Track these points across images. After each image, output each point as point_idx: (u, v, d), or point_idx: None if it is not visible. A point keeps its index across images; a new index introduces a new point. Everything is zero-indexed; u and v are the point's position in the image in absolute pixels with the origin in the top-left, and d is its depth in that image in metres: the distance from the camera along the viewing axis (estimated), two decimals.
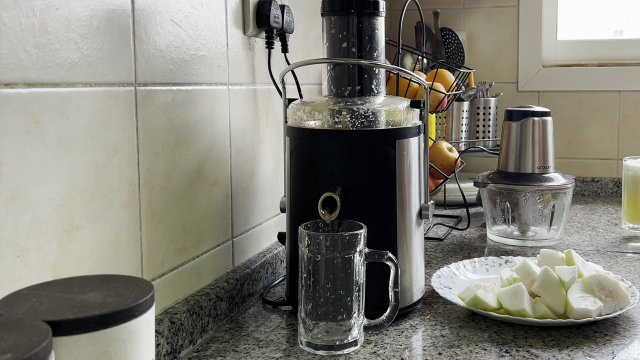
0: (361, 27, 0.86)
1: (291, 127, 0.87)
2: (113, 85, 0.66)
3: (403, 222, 0.85)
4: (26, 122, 0.55)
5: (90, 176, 0.63)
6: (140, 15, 0.70)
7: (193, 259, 0.83)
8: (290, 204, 0.89)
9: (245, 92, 0.97)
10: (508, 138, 1.26)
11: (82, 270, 0.62)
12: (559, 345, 0.78)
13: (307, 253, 0.76)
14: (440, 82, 1.36)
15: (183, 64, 0.79)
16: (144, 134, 0.71)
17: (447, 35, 1.84)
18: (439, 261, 1.14)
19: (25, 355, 0.35)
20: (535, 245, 1.23)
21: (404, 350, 0.78)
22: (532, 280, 0.87)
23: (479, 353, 0.76)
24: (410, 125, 0.86)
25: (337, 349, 0.76)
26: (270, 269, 1.03)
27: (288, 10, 1.02)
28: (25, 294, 0.45)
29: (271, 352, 0.77)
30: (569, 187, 1.23)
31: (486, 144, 1.73)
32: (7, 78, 0.53)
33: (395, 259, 0.78)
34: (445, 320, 0.86)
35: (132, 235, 0.70)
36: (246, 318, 0.89)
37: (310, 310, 0.76)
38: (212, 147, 0.87)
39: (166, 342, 0.73)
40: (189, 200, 0.81)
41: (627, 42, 1.81)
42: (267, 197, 1.06)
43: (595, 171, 1.79)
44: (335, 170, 0.83)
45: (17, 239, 0.54)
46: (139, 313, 0.44)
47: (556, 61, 1.83)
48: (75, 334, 0.41)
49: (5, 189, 0.53)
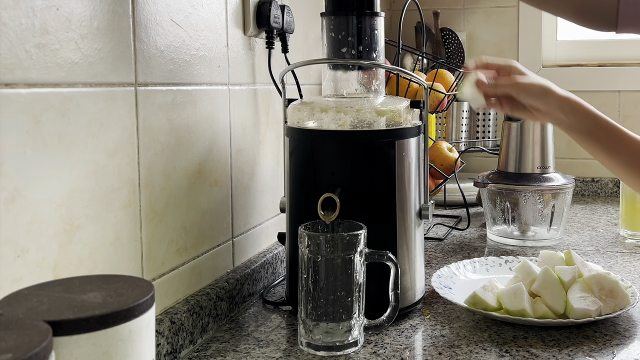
0: (361, 28, 0.86)
1: (291, 127, 0.87)
2: (113, 85, 0.66)
3: (403, 222, 0.85)
4: (26, 122, 0.55)
5: (91, 176, 0.63)
6: (141, 16, 0.70)
7: (193, 258, 0.83)
8: (290, 204, 0.89)
9: (246, 92, 0.97)
10: (508, 138, 1.26)
11: (82, 270, 0.62)
12: (559, 345, 0.78)
13: (307, 253, 0.76)
14: (440, 82, 1.37)
15: (183, 64, 0.79)
16: (144, 134, 0.71)
17: (447, 36, 1.84)
18: (439, 261, 1.14)
19: (25, 355, 0.35)
20: (535, 245, 1.23)
21: (404, 350, 0.78)
22: (532, 280, 0.87)
23: (479, 353, 0.76)
24: (410, 125, 0.86)
25: (337, 350, 0.76)
26: (271, 269, 1.03)
27: (288, 11, 1.02)
28: (26, 294, 0.45)
29: (271, 352, 0.77)
30: (569, 187, 1.23)
31: (486, 144, 1.73)
32: (8, 78, 0.53)
33: (395, 259, 0.78)
34: (445, 320, 0.86)
35: (133, 235, 0.70)
36: (246, 318, 0.89)
37: (310, 311, 0.76)
38: (213, 147, 0.87)
39: (166, 342, 0.73)
40: (189, 200, 0.81)
41: (627, 42, 1.81)
42: (267, 197, 1.06)
43: (595, 171, 1.79)
44: (335, 170, 0.83)
45: (17, 239, 0.54)
46: (139, 313, 0.44)
47: (556, 61, 1.83)
48: (76, 334, 0.41)
49: (6, 189, 0.53)
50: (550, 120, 0.88)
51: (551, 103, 0.85)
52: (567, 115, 0.85)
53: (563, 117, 0.85)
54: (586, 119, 0.84)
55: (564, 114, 0.85)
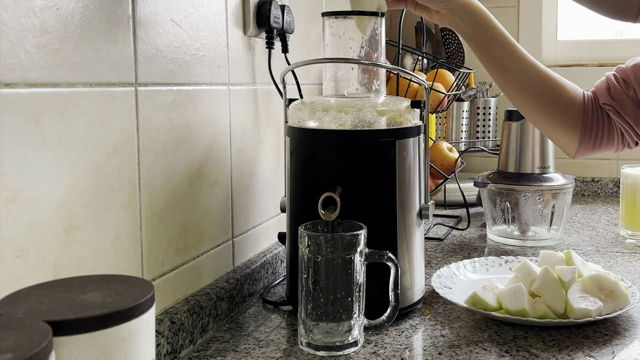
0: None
1: (291, 127, 0.87)
2: (113, 85, 0.66)
3: (403, 222, 0.85)
4: (26, 122, 0.55)
5: (91, 176, 0.63)
6: (141, 16, 0.70)
7: (193, 258, 0.83)
8: (291, 204, 0.89)
9: (246, 92, 0.97)
10: (508, 138, 1.26)
11: (82, 270, 0.62)
12: (559, 345, 0.78)
13: (307, 253, 0.76)
14: (440, 82, 1.37)
15: (183, 64, 0.79)
16: (144, 134, 0.71)
17: (447, 35, 1.84)
18: (439, 261, 1.14)
19: (25, 355, 0.35)
20: (535, 245, 1.23)
21: (404, 350, 0.78)
22: (532, 280, 0.87)
23: (479, 353, 0.76)
24: (411, 125, 0.86)
25: (337, 350, 0.76)
26: (271, 269, 1.03)
27: (288, 11, 1.02)
28: (26, 294, 0.45)
29: (271, 352, 0.77)
30: (569, 187, 1.23)
31: (486, 144, 1.73)
32: (8, 78, 0.53)
33: (395, 259, 0.78)
34: (445, 320, 0.86)
35: (133, 235, 0.70)
36: (246, 318, 0.89)
37: (310, 311, 0.76)
38: (213, 147, 0.87)
39: (166, 342, 0.73)
40: (189, 200, 0.81)
41: (627, 42, 1.81)
42: (267, 197, 1.06)
43: (595, 171, 1.79)
44: (336, 170, 0.83)
45: (17, 239, 0.54)
46: (139, 313, 0.44)
47: (556, 61, 1.83)
48: (76, 334, 0.41)
49: (6, 189, 0.53)
50: (449, 25, 0.86)
51: (451, 7, 0.84)
52: (467, 24, 0.84)
53: (462, 24, 0.84)
54: (485, 31, 0.83)
55: (463, 22, 0.84)
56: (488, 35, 0.83)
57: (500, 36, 0.84)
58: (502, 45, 0.84)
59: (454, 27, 0.86)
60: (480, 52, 0.85)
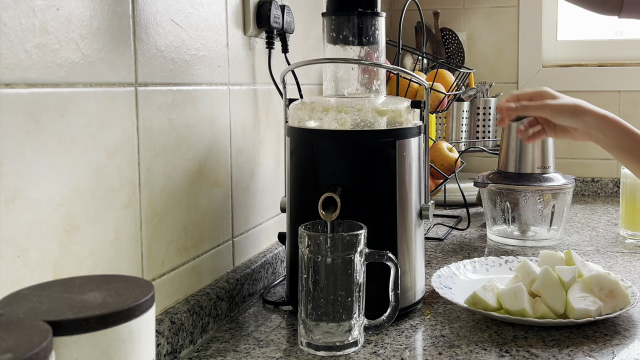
0: (362, 28, 0.86)
1: (291, 127, 0.87)
2: (113, 85, 0.66)
3: (403, 222, 0.85)
4: (26, 122, 0.55)
5: (91, 176, 0.63)
6: (141, 15, 0.70)
7: (193, 258, 0.83)
8: (291, 204, 0.89)
9: (246, 92, 0.97)
10: (508, 138, 1.26)
11: (82, 270, 0.62)
12: (559, 345, 0.78)
13: (308, 253, 0.76)
14: (441, 82, 1.36)
15: (183, 64, 0.79)
16: (144, 134, 0.71)
17: (447, 36, 1.84)
18: (439, 261, 1.14)
19: (25, 355, 0.35)
20: (535, 245, 1.23)
21: (404, 350, 0.78)
22: (532, 280, 0.87)
23: (479, 353, 0.76)
24: (411, 125, 0.86)
25: (337, 350, 0.76)
26: (271, 269, 1.03)
27: (288, 11, 1.02)
28: (26, 294, 0.45)
29: (271, 352, 0.77)
30: (569, 187, 1.23)
31: (486, 144, 1.73)
32: (8, 78, 0.53)
33: (395, 259, 0.78)
34: (445, 320, 0.86)
35: (133, 235, 0.70)
36: (246, 318, 0.89)
37: (310, 311, 0.76)
38: (213, 147, 0.87)
39: (166, 342, 0.73)
40: (189, 200, 0.81)
41: (627, 42, 1.81)
42: (267, 197, 1.06)
43: (595, 171, 1.79)
44: (336, 170, 0.83)
45: (17, 239, 0.54)
46: (139, 313, 0.44)
47: (556, 61, 1.83)
48: (76, 334, 0.41)
49: (6, 189, 0.53)
50: (589, 139, 0.89)
51: (588, 122, 0.86)
52: (606, 134, 0.86)
53: (601, 136, 0.86)
54: (624, 137, 0.85)
55: (602, 133, 0.86)
56: (628, 140, 0.86)
57: (638, 137, 0.85)
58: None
59: (594, 140, 0.88)
60: (625, 157, 0.87)
